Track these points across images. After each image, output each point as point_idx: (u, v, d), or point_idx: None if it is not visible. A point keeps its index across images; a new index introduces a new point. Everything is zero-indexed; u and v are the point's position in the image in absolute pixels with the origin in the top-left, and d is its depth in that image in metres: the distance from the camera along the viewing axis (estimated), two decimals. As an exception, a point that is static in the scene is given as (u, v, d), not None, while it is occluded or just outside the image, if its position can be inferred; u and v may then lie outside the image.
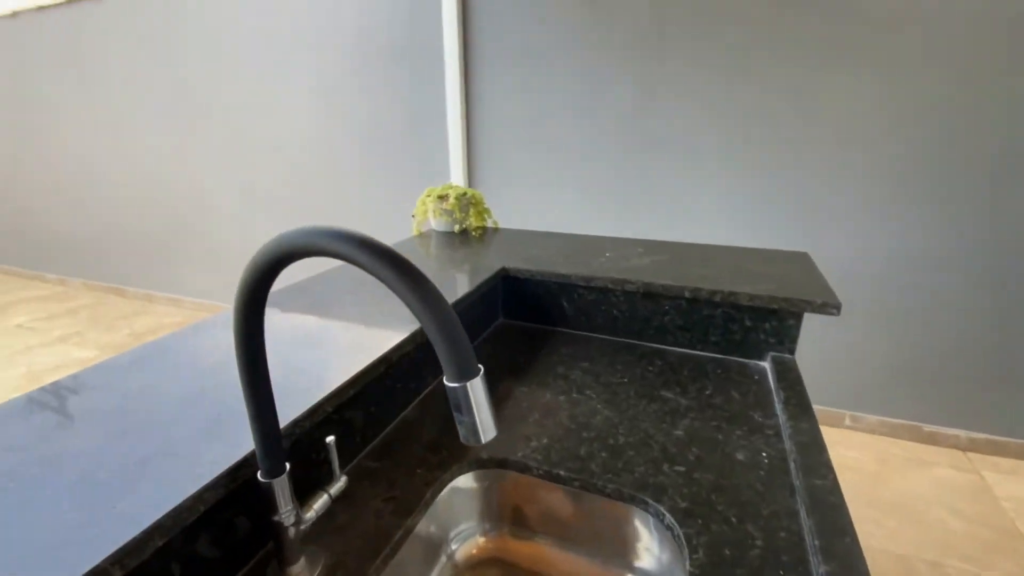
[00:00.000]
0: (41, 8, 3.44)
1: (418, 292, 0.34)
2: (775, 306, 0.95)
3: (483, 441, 0.36)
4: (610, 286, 1.04)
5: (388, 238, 1.82)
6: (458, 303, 0.94)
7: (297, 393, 0.63)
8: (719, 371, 0.97)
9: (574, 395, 0.88)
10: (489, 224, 1.51)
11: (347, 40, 2.68)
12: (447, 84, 2.46)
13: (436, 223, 1.45)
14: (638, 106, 2.21)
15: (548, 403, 0.85)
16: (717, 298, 0.98)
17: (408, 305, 0.35)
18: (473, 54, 2.42)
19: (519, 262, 1.15)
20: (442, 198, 1.40)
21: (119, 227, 4.01)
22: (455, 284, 1.05)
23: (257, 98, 3.05)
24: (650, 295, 1.03)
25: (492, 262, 1.17)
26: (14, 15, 3.56)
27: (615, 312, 1.07)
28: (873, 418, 2.26)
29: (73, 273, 4.49)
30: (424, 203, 1.42)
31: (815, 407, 2.25)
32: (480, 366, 0.37)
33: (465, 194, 1.42)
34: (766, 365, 0.99)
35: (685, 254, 1.20)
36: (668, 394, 0.89)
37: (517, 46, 2.33)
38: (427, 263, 1.21)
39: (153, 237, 3.89)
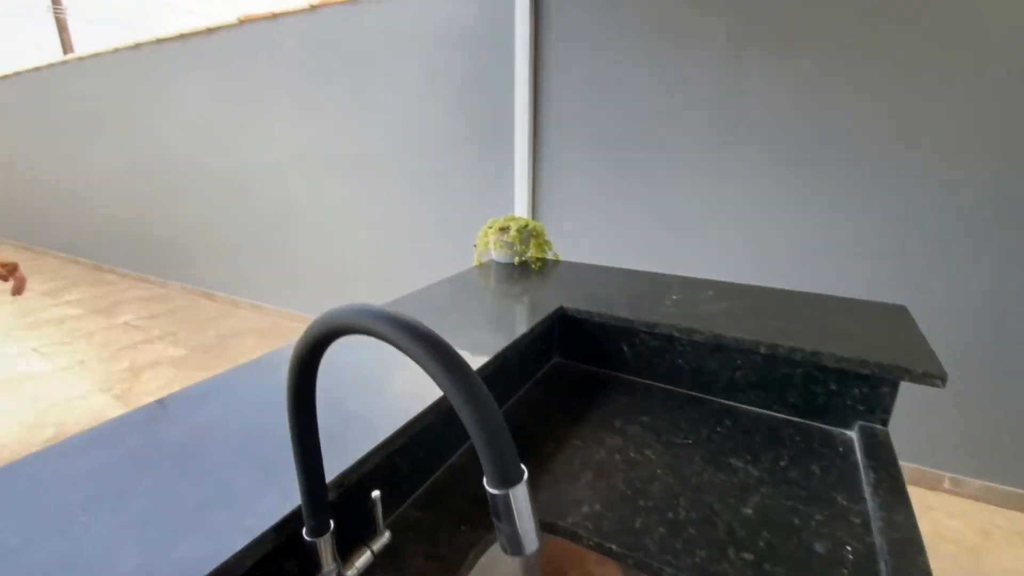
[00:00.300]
0: (160, 41, 3.88)
1: (463, 388, 0.32)
2: (866, 371, 0.85)
3: (524, 554, 0.34)
4: (676, 334, 0.98)
5: (452, 265, 1.85)
6: (514, 344, 0.92)
7: (347, 442, 0.63)
8: (797, 438, 0.88)
9: (631, 454, 0.83)
10: (549, 256, 1.48)
11: (423, 66, 2.78)
12: (516, 110, 2.49)
13: (496, 254, 1.44)
14: (712, 136, 2.11)
15: (603, 462, 0.81)
16: (797, 356, 0.89)
17: (451, 398, 0.33)
18: (543, 80, 2.43)
19: (578, 301, 1.11)
20: (503, 230, 1.39)
21: (212, 237, 4.38)
22: (512, 321, 1.03)
23: (338, 123, 3.23)
24: (720, 347, 0.96)
25: (550, 299, 1.14)
26: (136, 47, 4.04)
27: (680, 362, 1.01)
28: (977, 483, 1.98)
29: (173, 277, 4.96)
30: (486, 234, 1.43)
31: (909, 465, 2.03)
32: (523, 468, 0.34)
33: (526, 226, 1.41)
34: (853, 435, 0.89)
35: (761, 301, 1.11)
36: (737, 462, 0.81)
37: (588, 73, 2.31)
38: (485, 297, 1.20)
39: (240, 248, 4.22)
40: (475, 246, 1.48)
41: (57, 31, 8.94)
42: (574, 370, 1.11)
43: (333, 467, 0.58)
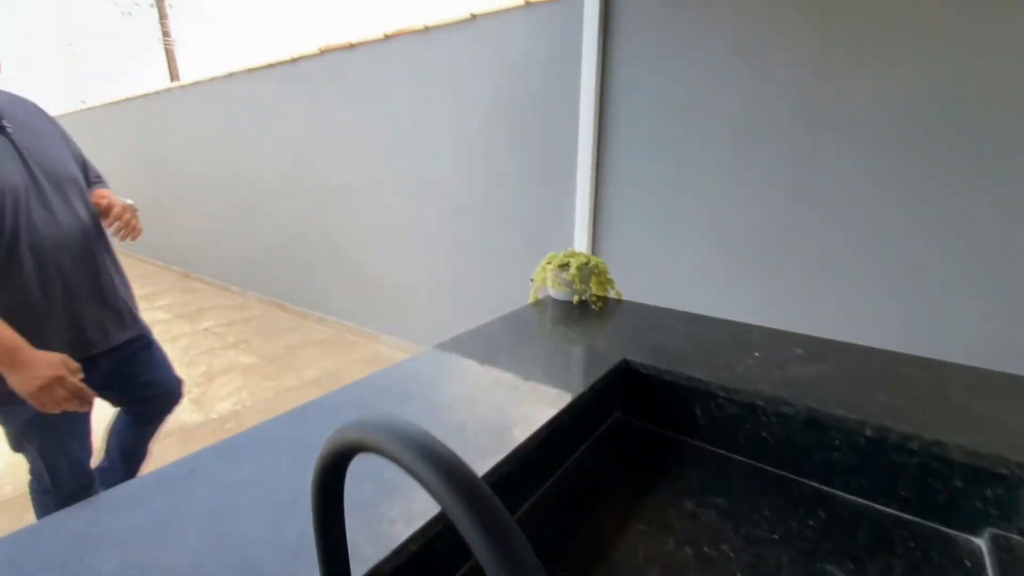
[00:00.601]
0: (251, 70, 4.17)
1: (507, 562, 0.25)
2: (1004, 470, 0.69)
3: None
4: (759, 403, 0.85)
5: (508, 289, 1.80)
6: (572, 404, 0.83)
7: (382, 518, 0.57)
8: (911, 543, 0.73)
9: (705, 548, 0.71)
10: (611, 294, 1.39)
11: (489, 91, 2.79)
12: (580, 136, 2.42)
13: (554, 292, 1.37)
14: (795, 164, 1.93)
15: (671, 556, 0.70)
16: (913, 445, 0.74)
17: (485, 567, 0.26)
18: (609, 104, 2.34)
19: (644, 353, 1.01)
20: (563, 267, 1.32)
21: (287, 251, 4.62)
22: (570, 374, 0.95)
23: (407, 146, 3.31)
24: (814, 421, 0.82)
25: (612, 348, 1.04)
26: (230, 75, 4.38)
27: (764, 434, 0.88)
28: None
29: (250, 287, 5.27)
30: (544, 270, 1.35)
31: None
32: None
33: (587, 263, 1.32)
34: (982, 545, 0.72)
35: (862, 364, 0.96)
36: (837, 571, 0.68)
37: (658, 96, 2.20)
38: (541, 341, 1.12)
39: (311, 262, 4.41)
40: (532, 281, 1.42)
41: (166, 60, 10.00)
42: (637, 430, 1.00)
43: (363, 556, 0.52)
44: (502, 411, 0.79)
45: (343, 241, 4.05)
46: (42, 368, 1.21)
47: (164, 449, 2.70)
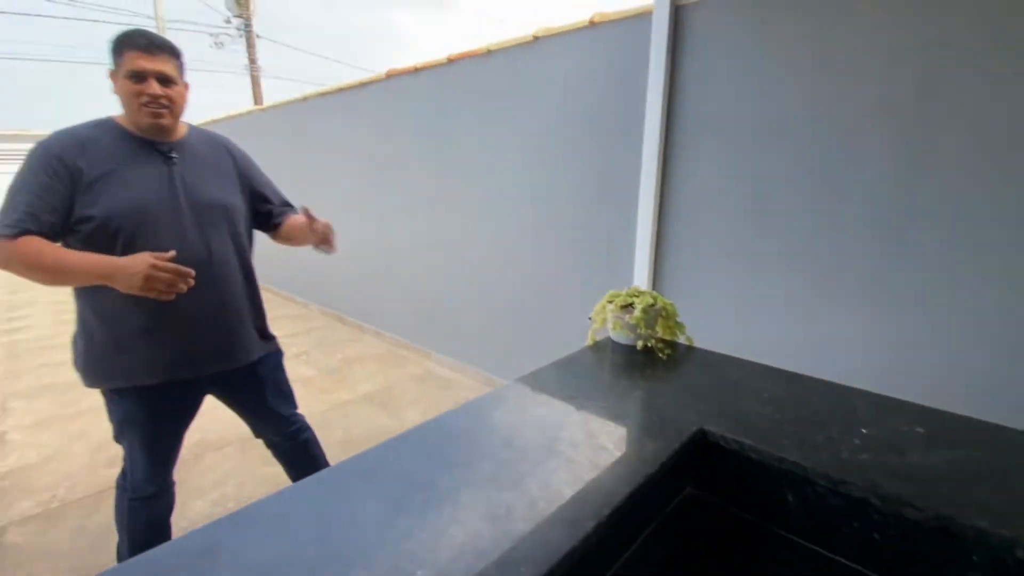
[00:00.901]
0: (322, 94, 4.37)
1: None
2: None
3: None
4: (874, 501, 0.69)
5: (560, 325, 1.68)
6: (640, 488, 0.72)
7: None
8: None
9: None
10: (681, 340, 1.25)
11: (549, 114, 2.72)
12: (643, 161, 2.28)
13: (615, 335, 1.25)
14: (897, 192, 1.70)
15: None
16: (1097, 582, 0.56)
17: None
18: (676, 127, 2.20)
19: (723, 420, 0.87)
20: (625, 308, 1.20)
21: (347, 265, 4.75)
22: (634, 445, 0.83)
23: (466, 167, 3.30)
24: (945, 532, 0.66)
25: (685, 411, 0.91)
26: (304, 99, 4.60)
27: (875, 536, 0.71)
28: None
29: (313, 299, 5.47)
30: (604, 309, 1.24)
31: None
32: None
33: (654, 304, 1.20)
34: None
35: (1007, 454, 0.77)
36: None
37: (731, 118, 2.04)
38: (600, 396, 1.01)
39: (368, 277, 4.51)
40: (590, 320, 1.31)
41: (251, 85, 10.81)
42: (713, 510, 0.86)
43: None
44: (555, 493, 0.69)
45: (401, 258, 4.10)
46: (133, 267, 1.22)
47: (223, 458, 2.79)
